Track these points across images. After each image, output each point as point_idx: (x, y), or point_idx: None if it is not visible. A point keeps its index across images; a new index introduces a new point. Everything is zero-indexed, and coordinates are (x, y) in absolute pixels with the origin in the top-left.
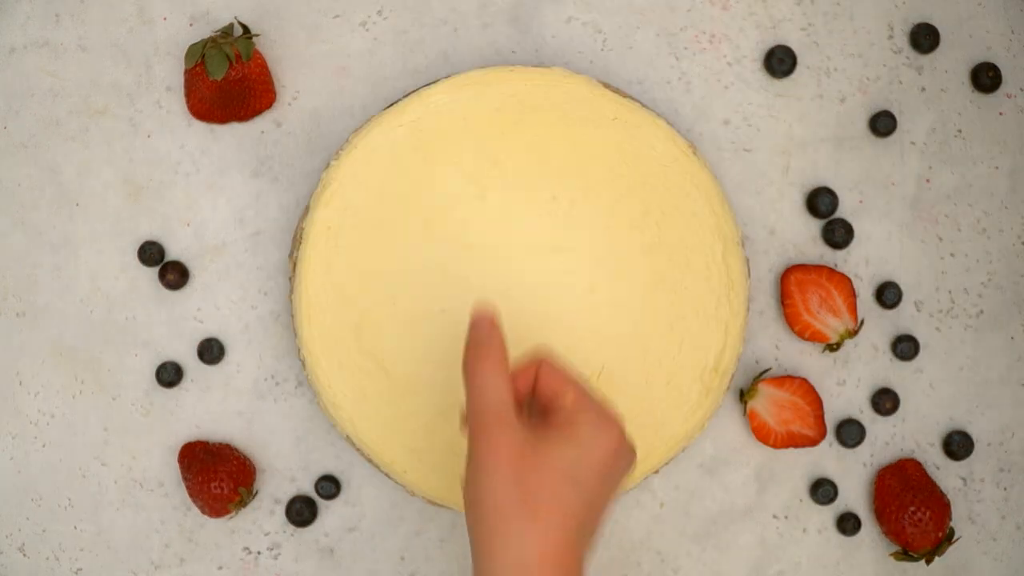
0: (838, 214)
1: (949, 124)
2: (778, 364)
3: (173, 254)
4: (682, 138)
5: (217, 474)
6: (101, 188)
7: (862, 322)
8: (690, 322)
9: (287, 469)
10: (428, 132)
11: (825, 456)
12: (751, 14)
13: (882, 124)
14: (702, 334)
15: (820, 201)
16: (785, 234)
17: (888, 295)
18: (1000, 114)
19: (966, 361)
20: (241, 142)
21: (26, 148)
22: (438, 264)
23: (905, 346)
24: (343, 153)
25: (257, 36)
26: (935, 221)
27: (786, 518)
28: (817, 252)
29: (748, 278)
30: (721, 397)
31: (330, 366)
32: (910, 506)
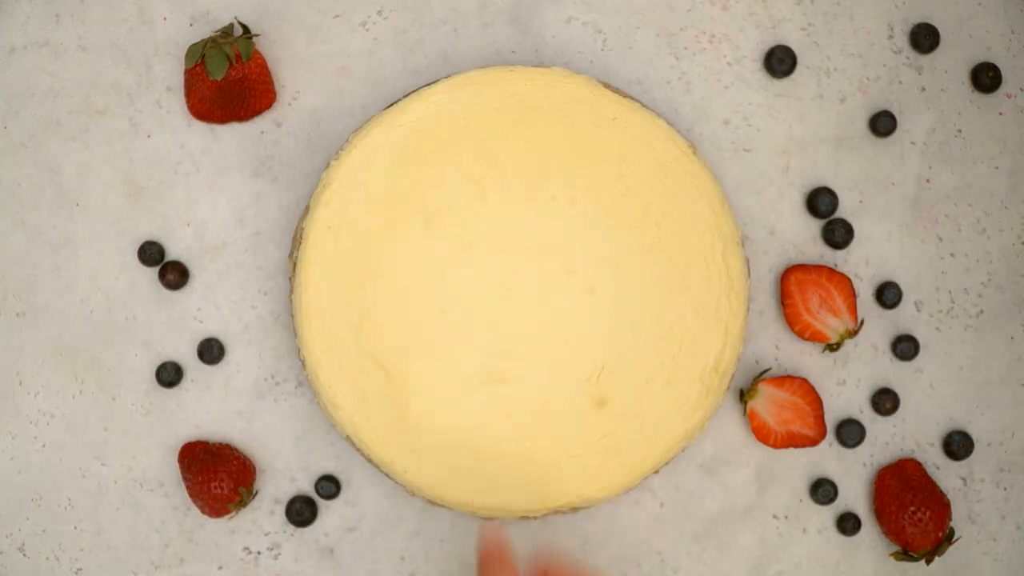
0: (838, 214)
1: (949, 124)
2: (778, 364)
3: (173, 254)
4: (682, 138)
5: (217, 474)
6: (101, 188)
7: (862, 322)
8: (690, 322)
9: (287, 469)
10: (428, 132)
11: (825, 456)
12: (751, 14)
13: (882, 124)
14: (702, 334)
15: (820, 201)
16: (785, 234)
17: (888, 295)
18: (1000, 114)
19: (966, 361)
20: (241, 142)
21: (26, 148)
22: (438, 264)
23: (905, 346)
24: (343, 153)
25: (257, 36)
26: (935, 221)
27: (786, 518)
28: (817, 252)
29: (748, 278)
30: (721, 397)
31: (330, 366)
32: (910, 506)
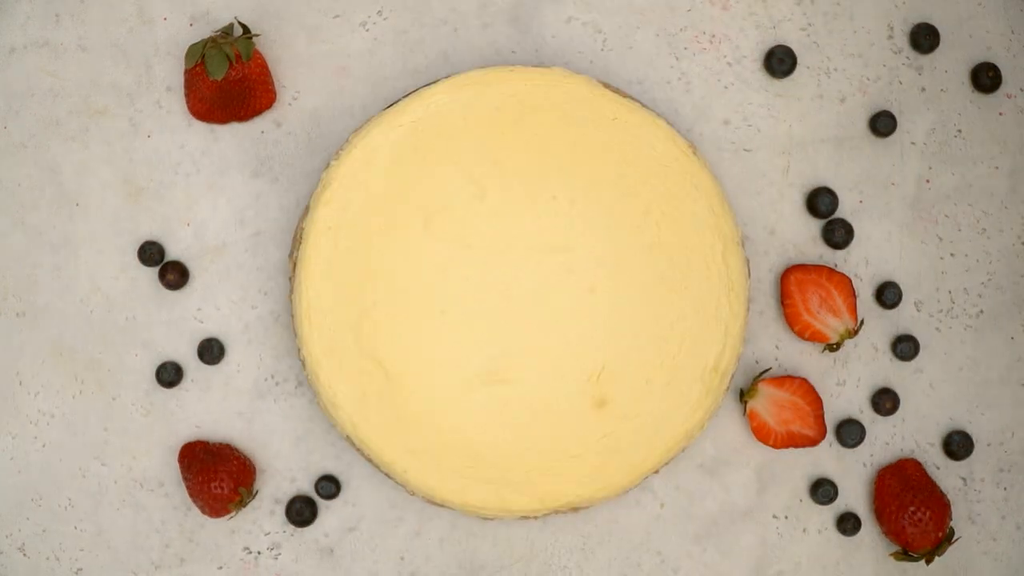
0: (838, 214)
1: (949, 124)
2: (778, 364)
3: (173, 254)
4: (682, 138)
5: (217, 474)
6: (101, 188)
7: (862, 322)
8: (690, 322)
9: (287, 469)
10: (428, 132)
11: (825, 456)
12: (751, 14)
13: (882, 124)
14: (702, 334)
15: (820, 201)
16: (785, 234)
17: (888, 295)
18: (1000, 114)
19: (966, 361)
20: (241, 142)
21: (26, 148)
22: (438, 264)
23: (905, 346)
24: (343, 153)
25: (257, 36)
26: (935, 221)
27: (786, 518)
28: (817, 252)
29: (748, 278)
30: (721, 397)
31: (330, 366)
32: (910, 506)
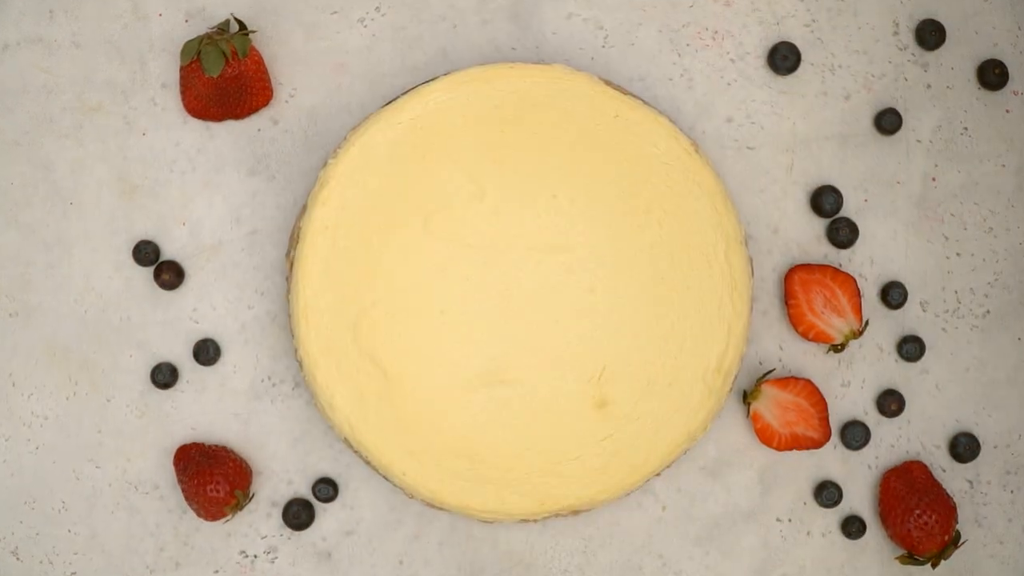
0: (843, 213)
1: (955, 121)
2: (782, 365)
3: (168, 253)
4: (684, 136)
5: (213, 477)
6: (95, 186)
7: (867, 322)
8: (692, 322)
9: (284, 471)
10: (427, 130)
11: (829, 458)
12: (754, 10)
13: (887, 122)
14: (705, 334)
15: (824, 200)
16: (789, 233)
17: (893, 295)
18: (1007, 111)
19: (972, 362)
20: (237, 140)
21: (19, 145)
22: (437, 263)
23: (910, 347)
24: (341, 151)
25: (254, 33)
26: (941, 220)
27: (790, 521)
28: (821, 251)
29: (751, 278)
30: (724, 398)
31: (328, 367)
32: (916, 509)
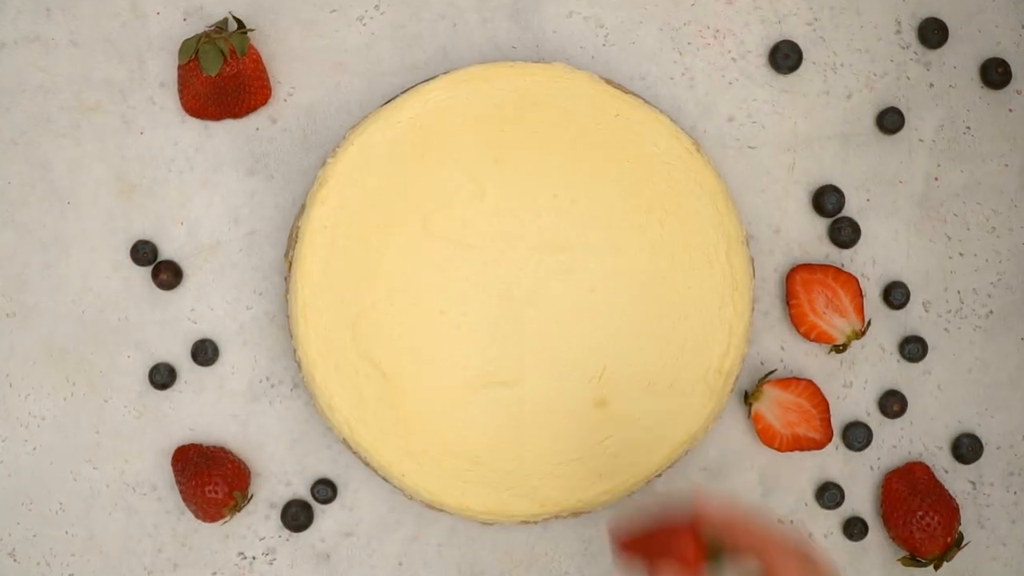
0: (844, 212)
1: (958, 121)
2: (783, 366)
3: (166, 253)
4: (685, 135)
5: (211, 478)
6: (93, 186)
7: (869, 323)
8: (693, 323)
9: (282, 473)
10: (426, 129)
11: (831, 459)
12: (756, 8)
13: (889, 121)
14: (706, 335)
15: (826, 199)
16: (790, 233)
17: (895, 295)
18: (1010, 110)
19: (975, 362)
20: (236, 139)
21: (16, 145)
22: (437, 264)
23: (913, 347)
24: (340, 150)
25: (252, 31)
26: (943, 220)
27: (791, 522)
28: (823, 251)
29: (753, 278)
30: (725, 399)
31: (326, 368)
32: (918, 511)
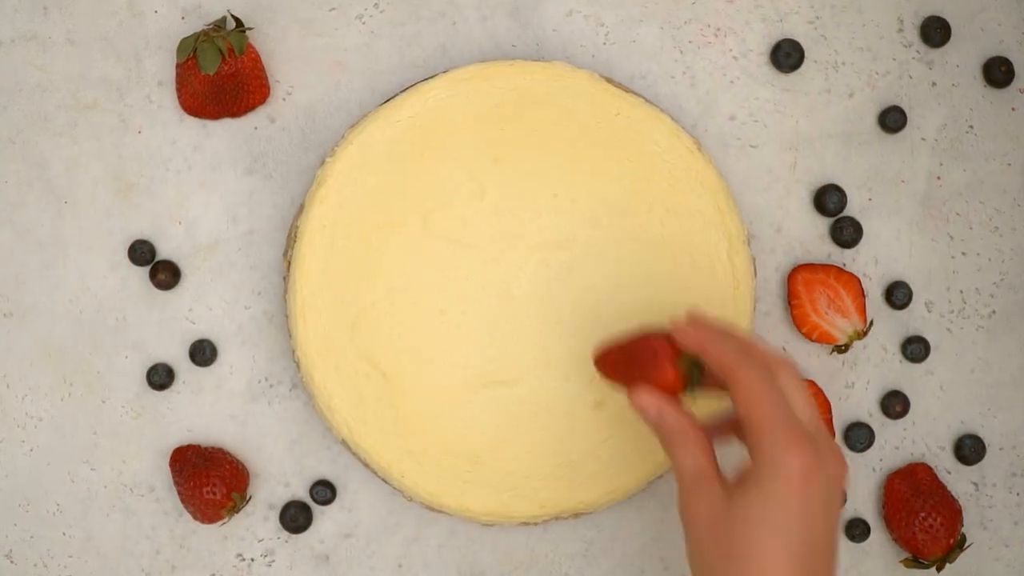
0: (846, 212)
1: (960, 120)
2: None
3: (164, 253)
4: (686, 134)
5: (209, 479)
6: (90, 185)
7: (871, 323)
8: None
9: (281, 474)
10: (426, 128)
11: None
12: (757, 7)
13: (892, 120)
14: None
15: (828, 199)
16: (792, 232)
17: (898, 295)
18: (1013, 109)
19: (978, 363)
20: (234, 138)
21: (13, 144)
22: (436, 263)
23: (915, 347)
24: (339, 149)
25: (250, 30)
26: (946, 219)
27: None
28: (825, 251)
29: (754, 277)
30: (726, 399)
31: (325, 368)
32: (920, 512)
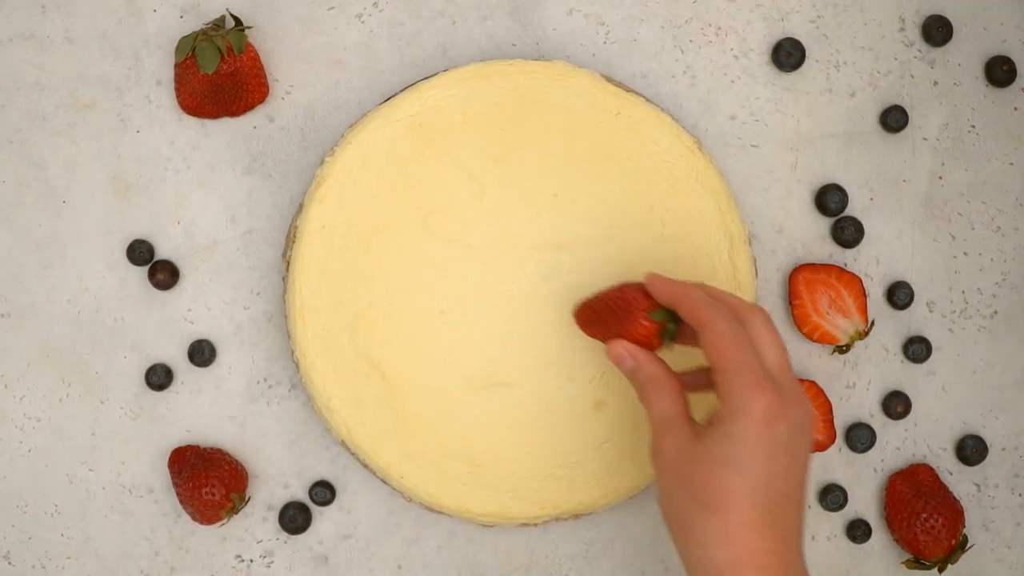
0: (848, 212)
1: (962, 119)
2: None
3: (163, 253)
4: (687, 134)
5: (208, 480)
6: (89, 185)
7: (872, 323)
8: None
9: (280, 475)
10: (425, 127)
11: (834, 461)
12: (758, 6)
13: (893, 119)
14: None
15: (829, 198)
16: (793, 232)
17: (899, 295)
18: (1015, 109)
19: (980, 363)
20: (233, 138)
21: (11, 144)
22: (436, 263)
23: (917, 348)
24: (338, 149)
25: (249, 28)
26: (948, 219)
27: None
28: (826, 251)
29: (755, 278)
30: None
31: (324, 368)
32: (922, 513)
